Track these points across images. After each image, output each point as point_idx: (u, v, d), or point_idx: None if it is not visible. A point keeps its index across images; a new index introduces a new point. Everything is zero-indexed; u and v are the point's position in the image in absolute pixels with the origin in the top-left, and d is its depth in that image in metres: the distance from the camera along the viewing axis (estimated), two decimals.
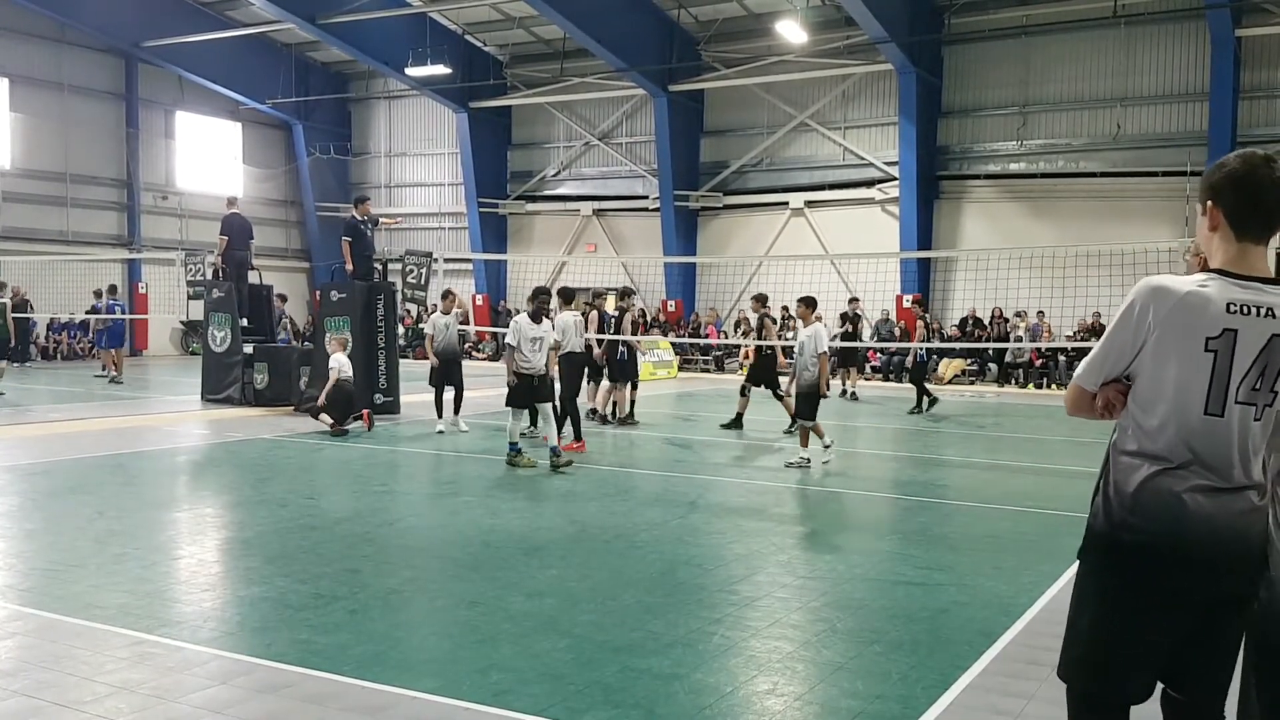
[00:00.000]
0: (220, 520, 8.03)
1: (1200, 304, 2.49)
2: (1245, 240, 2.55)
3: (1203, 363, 2.49)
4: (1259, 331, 2.48)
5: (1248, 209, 2.53)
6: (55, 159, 28.20)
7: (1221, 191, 2.56)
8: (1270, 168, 2.52)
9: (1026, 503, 8.86)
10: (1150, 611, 2.55)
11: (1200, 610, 2.55)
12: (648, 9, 26.00)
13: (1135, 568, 2.55)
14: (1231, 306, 2.48)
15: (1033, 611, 5.58)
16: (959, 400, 19.77)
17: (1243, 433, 2.52)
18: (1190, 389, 2.51)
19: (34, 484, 9.22)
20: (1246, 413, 2.51)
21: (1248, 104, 22.15)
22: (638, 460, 11.60)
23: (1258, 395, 2.51)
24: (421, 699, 4.24)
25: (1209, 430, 2.51)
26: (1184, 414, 2.52)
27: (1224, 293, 2.50)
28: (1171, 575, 2.51)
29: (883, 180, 25.97)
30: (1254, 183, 2.52)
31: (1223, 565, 2.49)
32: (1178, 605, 2.54)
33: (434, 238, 32.73)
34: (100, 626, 5.11)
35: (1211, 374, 2.49)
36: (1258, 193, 2.52)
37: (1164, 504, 2.51)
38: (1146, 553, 2.52)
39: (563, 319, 12.22)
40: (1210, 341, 2.48)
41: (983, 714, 4.20)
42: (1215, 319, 2.48)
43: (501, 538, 7.25)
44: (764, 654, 4.88)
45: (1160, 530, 2.50)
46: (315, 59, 32.79)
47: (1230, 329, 2.47)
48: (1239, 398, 2.50)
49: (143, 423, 13.99)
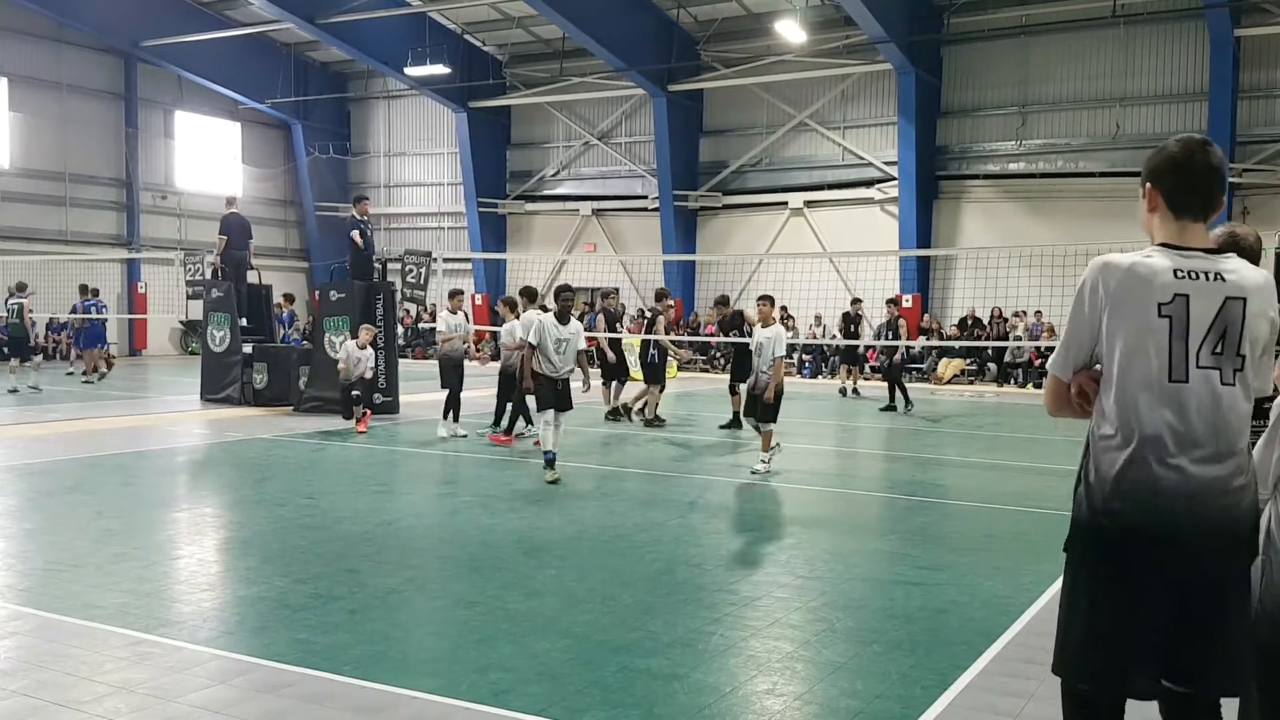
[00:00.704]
0: (219, 520, 8.02)
1: (1148, 273, 2.54)
2: (1184, 219, 2.63)
3: (1159, 329, 2.51)
4: (1211, 295, 2.52)
5: (1185, 191, 2.62)
6: (54, 158, 28.19)
7: (1162, 175, 2.65)
8: (1206, 153, 2.61)
9: (1025, 503, 8.86)
10: (1138, 598, 2.53)
11: (1188, 593, 2.53)
12: (647, 9, 26.00)
13: (1120, 553, 2.53)
14: (1179, 272, 2.54)
15: (1032, 611, 5.58)
16: (959, 400, 19.77)
17: (1213, 398, 2.51)
18: (1151, 357, 2.52)
19: (33, 483, 9.21)
20: (1211, 376, 2.52)
21: (1247, 104, 22.16)
22: (637, 460, 11.60)
23: (1221, 359, 2.53)
24: (420, 699, 4.24)
25: (1177, 398, 2.50)
26: (1149, 384, 2.52)
27: (1170, 261, 2.56)
28: (1155, 558, 2.50)
29: (882, 180, 25.97)
30: (1191, 167, 2.61)
31: (1205, 544, 2.48)
32: (1164, 589, 2.52)
33: (433, 237, 32.74)
34: (99, 626, 5.11)
35: (1169, 340, 2.51)
36: (1193, 176, 2.61)
37: (1143, 484, 2.50)
38: (1130, 537, 2.51)
39: (527, 318, 12.25)
40: (1163, 307, 2.51)
41: (982, 714, 4.20)
42: (1165, 285, 2.52)
43: (500, 538, 7.24)
44: (763, 654, 4.88)
45: (1141, 512, 2.50)
46: (314, 59, 32.78)
47: (1181, 294, 2.52)
48: (1200, 362, 2.51)
49: (142, 422, 13.99)
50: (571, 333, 9.77)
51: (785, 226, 27.30)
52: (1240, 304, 2.53)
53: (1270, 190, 21.83)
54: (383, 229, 32.35)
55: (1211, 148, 2.63)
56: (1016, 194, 24.81)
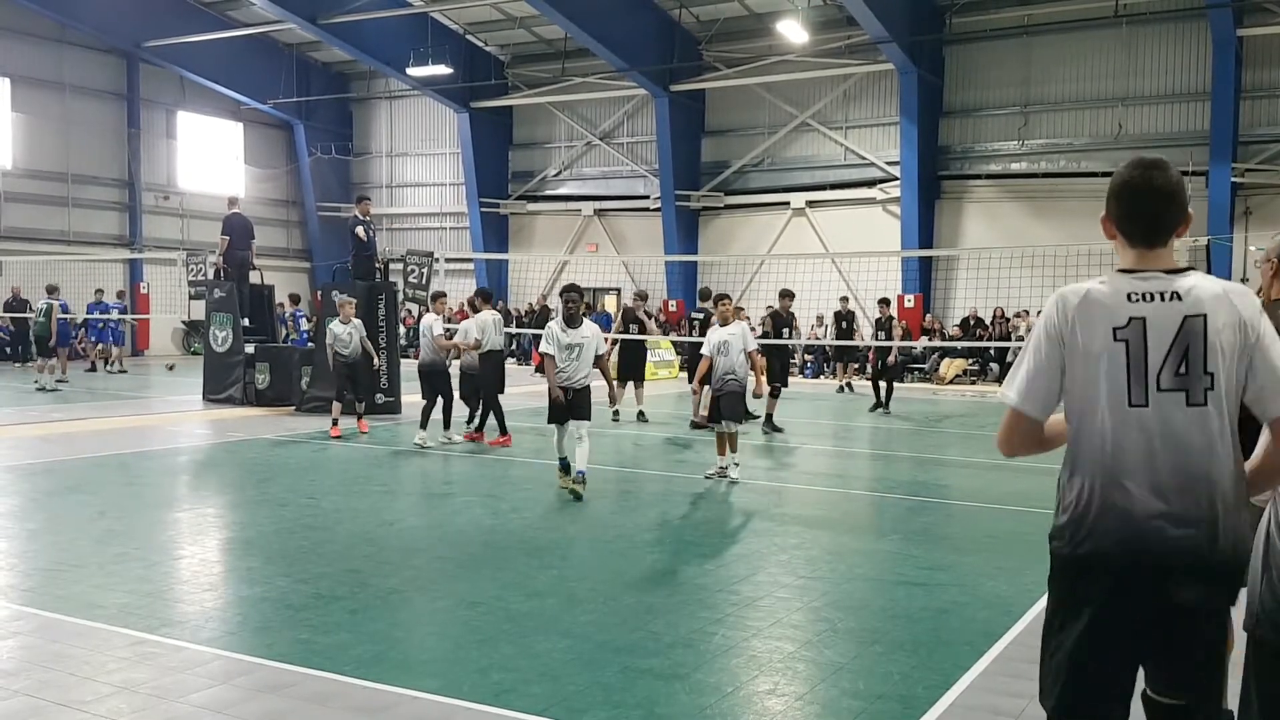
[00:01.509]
0: (221, 520, 8.03)
1: (1100, 298, 2.49)
2: (1138, 246, 2.56)
3: (1115, 353, 2.46)
4: (1169, 315, 2.46)
5: (1129, 219, 2.56)
6: (57, 159, 28.21)
7: (1109, 202, 2.59)
8: (1149, 176, 2.52)
9: (1028, 503, 8.85)
10: (1110, 629, 2.48)
11: (1165, 622, 2.47)
12: (649, 9, 26.00)
13: (1093, 584, 2.48)
14: (1133, 296, 2.48)
15: (1033, 612, 5.56)
16: (961, 400, 19.76)
17: (1181, 422, 2.44)
18: (1111, 383, 2.46)
19: (35, 484, 9.22)
20: (1175, 399, 2.44)
21: (1249, 104, 22.13)
22: (638, 460, 11.60)
23: (1188, 380, 2.44)
24: (422, 699, 4.24)
25: (1139, 424, 2.44)
26: (1109, 410, 2.46)
27: (1123, 285, 2.51)
28: (1127, 587, 2.45)
29: (884, 180, 25.96)
30: (1133, 192, 2.54)
31: (1176, 573, 2.41)
32: (1137, 619, 2.47)
33: (435, 237, 32.74)
34: (102, 626, 5.12)
35: (1127, 364, 2.45)
36: (1135, 202, 2.54)
37: (1110, 512, 2.45)
38: (1101, 566, 2.47)
39: (482, 318, 12.33)
40: (1118, 332, 2.46)
41: (983, 714, 4.20)
42: (1117, 309, 2.47)
43: (502, 538, 7.25)
44: (765, 654, 4.88)
45: (1110, 541, 2.45)
46: (316, 59, 32.80)
47: (1137, 317, 2.46)
48: (1162, 385, 2.44)
49: (144, 422, 14.00)
50: (584, 336, 8.83)
51: (787, 227, 27.29)
52: (1200, 320, 2.44)
53: (1272, 190, 21.80)
54: (385, 229, 32.30)
55: (1155, 170, 2.53)
56: (1019, 194, 24.79)
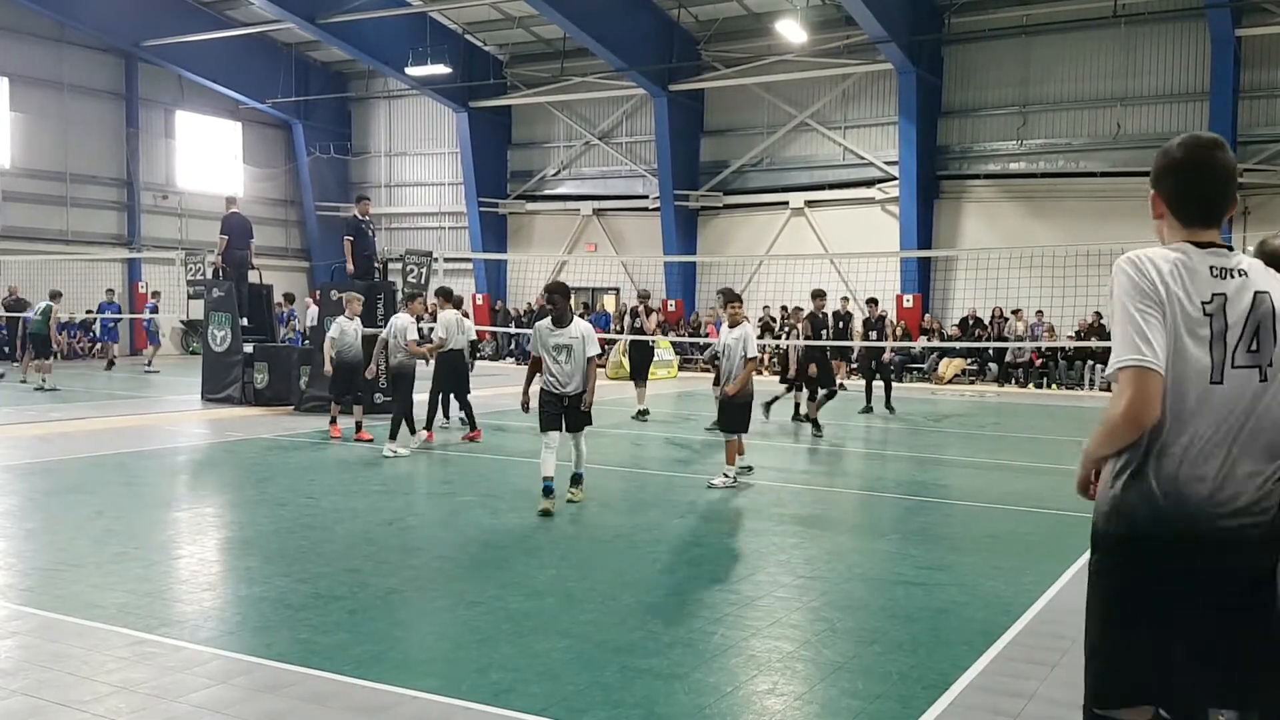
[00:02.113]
0: (220, 520, 8.03)
1: (1192, 270, 2.45)
2: (1193, 226, 2.53)
3: (1203, 327, 2.42)
4: (1242, 292, 2.46)
5: (1187, 197, 2.52)
6: (55, 158, 28.19)
7: (1163, 179, 2.55)
8: (1210, 154, 2.50)
9: (1027, 503, 8.86)
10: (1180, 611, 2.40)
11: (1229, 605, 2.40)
12: (648, 8, 25.99)
13: (1162, 565, 2.41)
14: (1214, 270, 2.46)
15: (1033, 611, 5.58)
16: (959, 400, 19.77)
17: (1252, 398, 2.43)
18: (1196, 357, 2.42)
19: (34, 483, 9.22)
20: (1249, 376, 2.44)
21: (1248, 104, 22.14)
22: (637, 460, 11.60)
23: (1257, 357, 2.45)
24: (422, 698, 4.24)
25: (1216, 399, 2.41)
26: (1192, 385, 2.42)
27: (1203, 259, 2.47)
28: (1195, 566, 2.39)
29: (883, 180, 25.96)
30: (1194, 170, 2.51)
31: (1246, 550, 2.38)
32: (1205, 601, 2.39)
33: (434, 237, 32.72)
34: (100, 626, 5.11)
35: (1210, 339, 2.42)
36: (1197, 180, 2.51)
37: (1182, 489, 2.39)
38: (1171, 545, 2.39)
39: (444, 317, 12.35)
40: (1206, 306, 2.43)
41: (982, 714, 4.20)
42: (1205, 284, 2.45)
43: (501, 537, 7.25)
44: (764, 654, 4.88)
45: (1181, 520, 2.38)
46: (315, 58, 32.78)
47: (1219, 293, 2.44)
48: (1236, 362, 2.43)
49: (143, 422, 13.99)
50: (573, 337, 8.11)
51: (786, 226, 27.29)
52: (1267, 298, 2.47)
53: (1271, 190, 21.81)
54: (383, 229, 32.29)
55: (1217, 149, 2.50)
56: (1017, 194, 24.80)
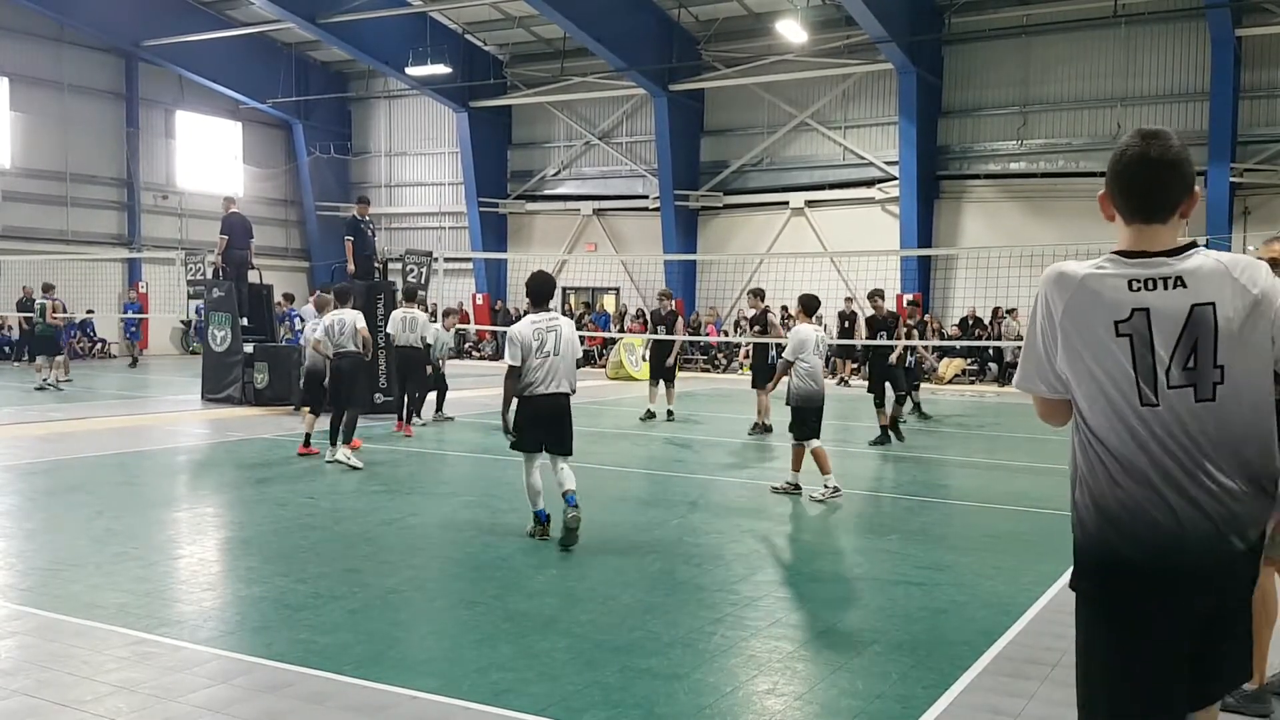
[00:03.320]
0: (220, 520, 8.02)
1: (1100, 286, 2.29)
2: (1136, 223, 2.36)
3: (1120, 350, 2.26)
4: (1175, 305, 2.25)
5: (1127, 192, 2.35)
6: (55, 158, 28.19)
7: (1108, 177, 2.39)
8: (1147, 145, 2.32)
9: (1026, 503, 8.86)
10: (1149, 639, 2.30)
11: (1194, 629, 2.30)
12: (648, 8, 25.99)
13: (1122, 591, 2.32)
14: (1134, 284, 2.27)
15: (1032, 611, 5.58)
16: (959, 400, 19.76)
17: (1194, 420, 2.24)
18: (1116, 382, 2.26)
19: (34, 483, 9.22)
20: (1185, 395, 2.24)
21: (1248, 104, 22.15)
22: (637, 460, 11.60)
23: (1196, 374, 2.24)
24: (421, 698, 4.24)
25: (1153, 423, 2.25)
26: (1117, 412, 2.27)
27: (1124, 270, 2.30)
28: (1149, 597, 2.29)
29: (883, 180, 25.97)
30: (1131, 164, 2.33)
31: (1201, 575, 2.26)
32: (1170, 627, 2.29)
33: (434, 237, 32.72)
34: (100, 626, 5.11)
35: (1133, 360, 2.25)
36: (1134, 174, 2.33)
37: (1136, 516, 2.27)
38: (1132, 574, 2.29)
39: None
40: (1120, 326, 2.26)
41: (982, 714, 4.20)
42: (1119, 301, 2.27)
43: (501, 537, 7.24)
44: (764, 654, 4.88)
45: (1134, 547, 2.27)
46: (315, 58, 32.78)
47: (1140, 308, 2.25)
48: (1172, 382, 2.24)
49: (143, 422, 14.00)
50: (555, 323, 7.14)
51: (786, 226, 27.30)
52: (1209, 309, 2.24)
53: (1271, 190, 21.81)
54: (384, 229, 32.30)
55: (1153, 140, 2.32)
56: (1017, 194, 24.80)
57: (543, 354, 7.03)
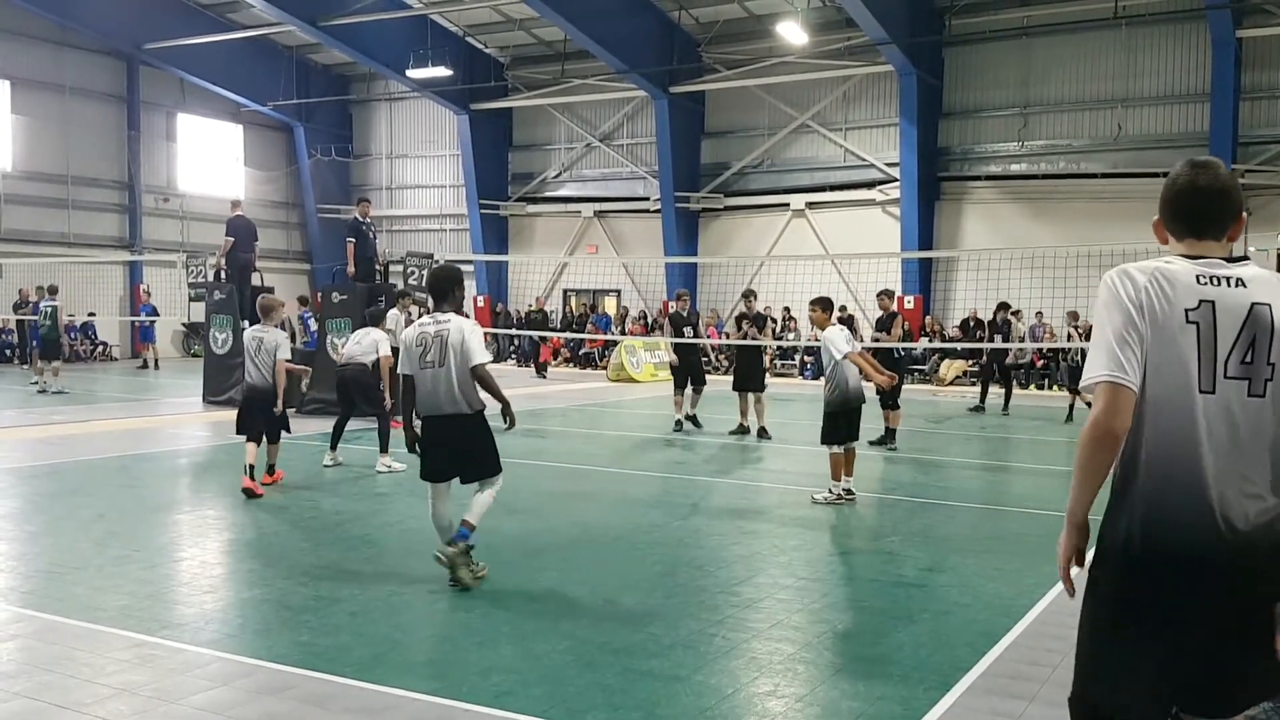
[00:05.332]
0: (221, 522, 8.02)
1: (1171, 277, 2.42)
2: (1185, 239, 2.53)
3: (1187, 337, 2.38)
4: (1237, 301, 2.39)
5: (1171, 219, 2.55)
6: (56, 161, 28.21)
7: (1163, 205, 2.57)
8: (1196, 174, 2.50)
9: (1028, 504, 8.86)
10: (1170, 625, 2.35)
11: (1222, 622, 2.34)
12: (648, 11, 26.01)
13: (1155, 580, 2.36)
14: (1201, 278, 2.41)
15: (1034, 613, 5.57)
16: (960, 401, 19.75)
17: (1243, 413, 2.36)
18: (1179, 367, 2.37)
19: (35, 486, 9.22)
20: (1240, 388, 2.37)
21: (1249, 105, 22.14)
22: (638, 462, 11.60)
23: (1251, 369, 2.37)
24: (422, 700, 4.24)
25: (1205, 410, 2.35)
26: (1177, 395, 2.37)
27: (1189, 267, 2.44)
28: (1195, 586, 2.33)
29: (884, 181, 25.97)
30: (1185, 194, 2.51)
31: (1238, 568, 2.31)
32: (1197, 617, 2.34)
33: (435, 239, 32.75)
34: (102, 628, 5.11)
35: (1198, 348, 2.37)
36: (1176, 201, 2.53)
37: (1176, 503, 2.34)
38: (1165, 562, 2.34)
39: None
40: (1190, 313, 2.38)
41: (983, 715, 4.20)
42: (1190, 290, 2.40)
43: (502, 539, 7.24)
44: (765, 656, 4.88)
45: (1175, 534, 2.33)
46: (316, 61, 32.80)
47: (1207, 300, 2.39)
48: (1229, 372, 2.37)
49: (144, 424, 14.00)
50: (442, 324, 6.00)
51: (787, 228, 27.30)
52: (1267, 310, 2.39)
53: (1272, 191, 21.80)
54: (385, 231, 32.31)
55: (1204, 169, 2.50)
56: (1018, 195, 24.80)
57: (425, 363, 5.92)
